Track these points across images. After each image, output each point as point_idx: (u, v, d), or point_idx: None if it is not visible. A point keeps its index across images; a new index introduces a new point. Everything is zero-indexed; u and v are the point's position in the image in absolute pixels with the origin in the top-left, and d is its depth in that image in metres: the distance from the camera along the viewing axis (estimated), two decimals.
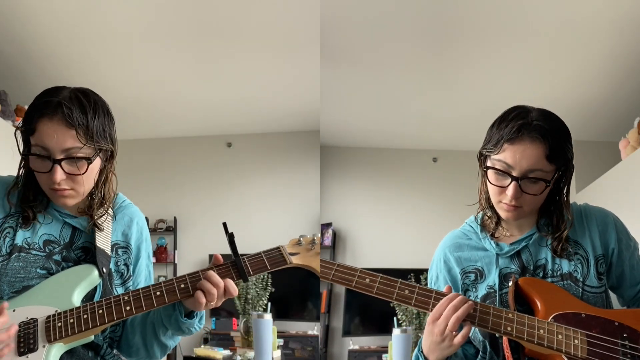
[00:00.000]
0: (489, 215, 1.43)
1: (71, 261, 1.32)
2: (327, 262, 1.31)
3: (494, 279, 1.38)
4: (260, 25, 3.52)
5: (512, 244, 1.40)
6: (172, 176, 5.80)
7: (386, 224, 5.70)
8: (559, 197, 1.38)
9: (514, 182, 1.29)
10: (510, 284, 1.33)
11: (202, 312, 1.33)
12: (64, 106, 1.23)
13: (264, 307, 3.77)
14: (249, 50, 3.86)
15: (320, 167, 5.65)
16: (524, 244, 1.39)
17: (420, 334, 2.73)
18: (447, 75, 4.02)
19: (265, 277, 3.91)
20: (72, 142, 1.23)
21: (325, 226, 5.67)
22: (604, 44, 3.46)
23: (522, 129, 1.28)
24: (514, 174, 1.29)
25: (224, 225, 1.32)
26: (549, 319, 1.26)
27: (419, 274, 4.16)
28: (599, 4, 3.05)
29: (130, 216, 1.44)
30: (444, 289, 1.28)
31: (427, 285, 1.50)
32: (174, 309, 1.30)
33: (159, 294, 1.26)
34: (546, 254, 1.38)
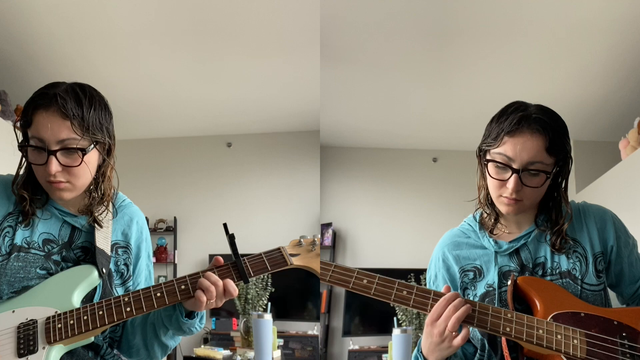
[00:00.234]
0: (487, 212, 1.44)
1: (70, 261, 1.32)
2: (325, 264, 1.30)
3: (493, 277, 1.38)
4: (260, 25, 3.51)
5: (511, 242, 1.40)
6: (172, 176, 5.79)
7: (386, 224, 5.70)
8: (557, 192, 1.39)
9: (514, 174, 1.29)
10: (509, 283, 1.33)
11: (202, 312, 1.33)
12: (59, 97, 1.24)
13: (264, 307, 3.77)
14: (249, 50, 3.86)
15: (320, 167, 5.65)
16: (522, 242, 1.39)
17: (420, 334, 2.73)
18: (447, 75, 4.02)
19: (265, 277, 3.90)
20: (67, 133, 1.24)
21: (325, 226, 5.67)
22: (604, 44, 3.46)
23: (522, 121, 1.29)
24: (515, 166, 1.29)
25: (225, 226, 1.32)
26: (548, 319, 1.26)
27: (419, 273, 4.16)
28: (599, 3, 3.05)
29: (130, 216, 1.44)
30: (443, 289, 1.27)
31: (426, 284, 1.50)
32: (175, 309, 1.30)
33: (159, 295, 1.25)
34: (545, 252, 1.38)
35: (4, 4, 3.22)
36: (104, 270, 1.31)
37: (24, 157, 1.31)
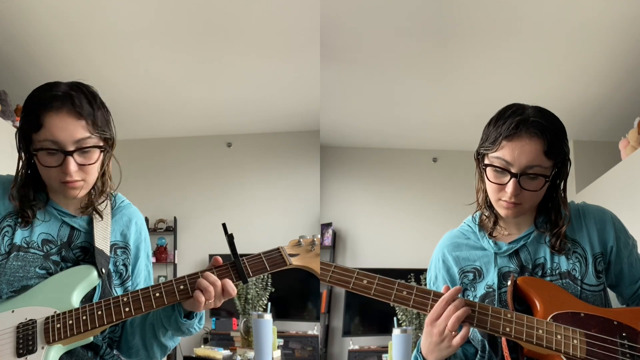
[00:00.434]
0: (486, 214, 1.43)
1: (70, 261, 1.32)
2: (325, 264, 1.30)
3: (492, 278, 1.38)
4: (260, 25, 3.52)
5: (510, 243, 1.40)
6: (172, 176, 5.80)
7: (386, 224, 5.70)
8: (556, 193, 1.38)
9: (513, 179, 1.29)
10: (508, 284, 1.33)
11: (201, 313, 1.33)
12: (72, 97, 1.25)
13: (264, 307, 3.77)
14: (249, 50, 3.86)
15: (320, 167, 5.65)
16: (522, 243, 1.39)
17: (420, 334, 2.73)
18: (447, 75, 4.02)
19: (265, 277, 3.90)
20: (82, 133, 1.25)
21: (325, 226, 5.67)
22: (603, 44, 3.46)
23: (520, 125, 1.28)
24: (513, 170, 1.29)
25: (224, 226, 1.32)
26: (548, 319, 1.26)
27: (419, 274, 4.15)
28: (598, 4, 3.05)
29: (129, 216, 1.44)
30: (442, 290, 1.27)
31: (427, 285, 1.50)
32: (174, 309, 1.30)
33: (158, 295, 1.25)
34: (545, 252, 1.38)
35: (4, 4, 3.22)
36: (103, 270, 1.32)
37: (26, 161, 1.31)
